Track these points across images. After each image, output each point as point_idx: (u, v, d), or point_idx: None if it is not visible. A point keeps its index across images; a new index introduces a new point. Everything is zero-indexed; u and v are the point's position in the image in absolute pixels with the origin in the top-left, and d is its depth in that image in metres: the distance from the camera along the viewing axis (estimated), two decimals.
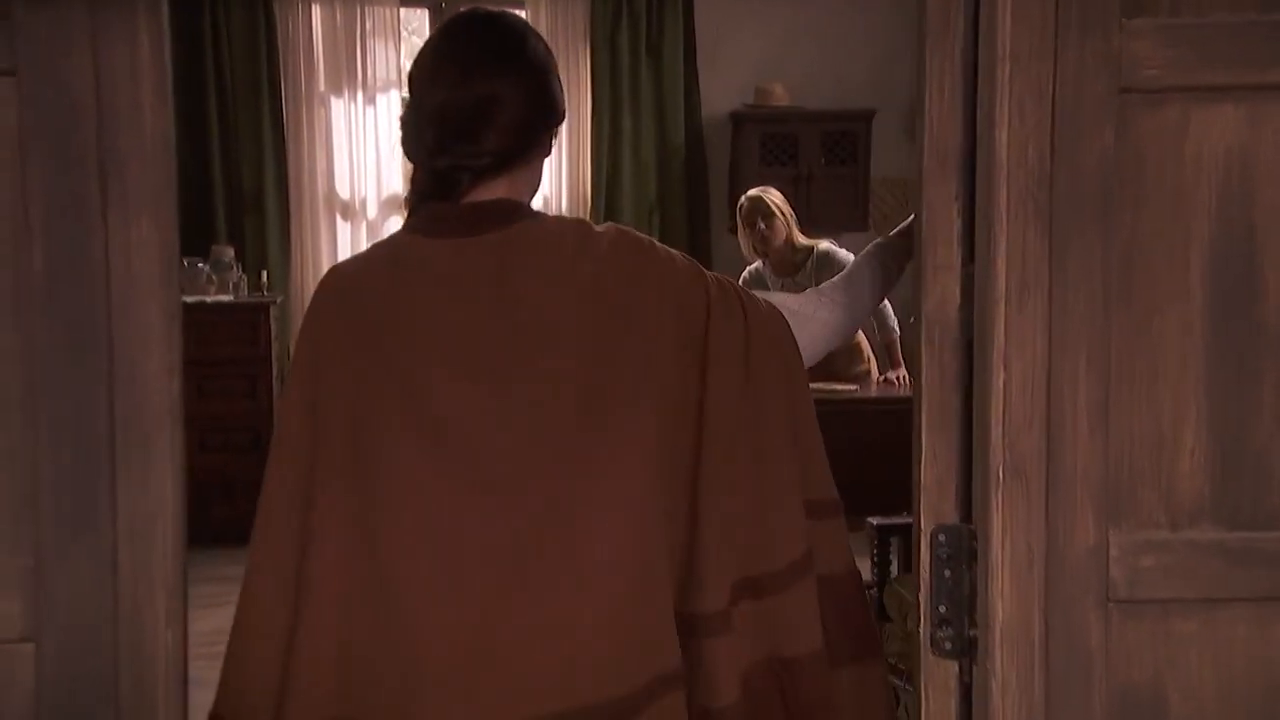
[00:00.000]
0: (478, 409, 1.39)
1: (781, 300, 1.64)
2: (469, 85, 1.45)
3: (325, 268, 6.36)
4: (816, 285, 4.79)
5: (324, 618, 1.39)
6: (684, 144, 6.63)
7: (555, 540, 1.37)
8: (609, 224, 1.56)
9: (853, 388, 4.52)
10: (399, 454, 1.39)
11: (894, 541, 3.72)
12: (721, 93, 6.61)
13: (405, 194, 1.57)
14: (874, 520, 3.74)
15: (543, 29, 6.46)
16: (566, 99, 1.58)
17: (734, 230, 6.69)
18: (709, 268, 1.60)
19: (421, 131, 1.48)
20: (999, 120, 1.25)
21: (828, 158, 6.55)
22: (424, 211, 1.49)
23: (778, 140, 6.52)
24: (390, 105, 6.40)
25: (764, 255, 4.83)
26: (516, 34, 1.51)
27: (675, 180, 6.64)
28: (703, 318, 1.48)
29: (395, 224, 6.42)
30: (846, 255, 4.80)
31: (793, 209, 4.85)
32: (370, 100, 6.37)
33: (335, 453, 1.42)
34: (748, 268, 4.98)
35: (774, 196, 4.80)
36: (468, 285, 1.43)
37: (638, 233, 1.55)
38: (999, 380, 1.26)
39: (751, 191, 4.88)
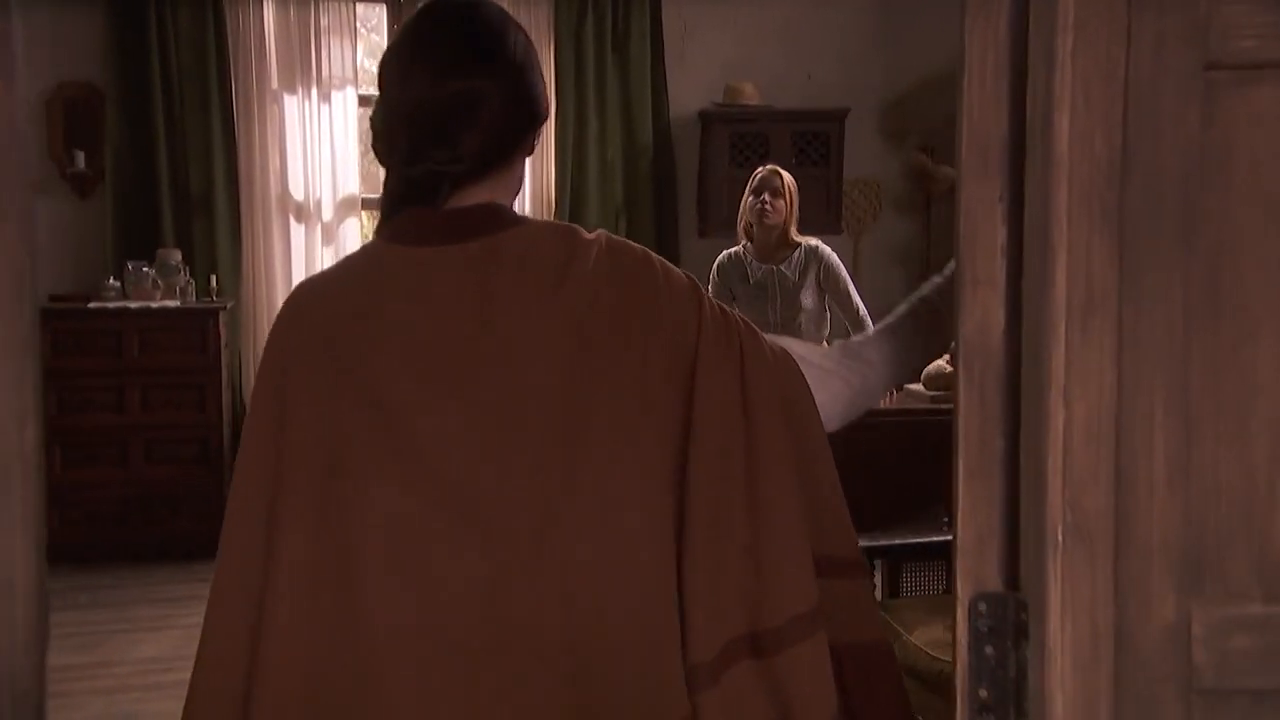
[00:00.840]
0: (458, 435, 1.29)
1: (802, 352, 1.47)
2: (445, 84, 1.35)
3: (278, 271, 6.12)
4: (799, 280, 4.52)
5: (289, 653, 1.28)
6: (651, 144, 6.41)
7: (542, 578, 1.27)
8: (600, 231, 1.42)
9: None
10: (374, 484, 1.29)
11: (880, 565, 3.50)
12: (690, 91, 6.41)
13: (379, 198, 1.44)
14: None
15: None
16: None
17: (703, 233, 6.52)
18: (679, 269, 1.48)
19: (394, 134, 1.38)
20: (1058, 104, 1.02)
21: (799, 158, 6.35)
22: (401, 218, 1.38)
23: (748, 140, 6.31)
24: (346, 103, 6.14)
25: (751, 234, 4.61)
26: (496, 26, 1.40)
27: (642, 181, 6.42)
28: (692, 350, 1.35)
29: (351, 226, 6.18)
30: (834, 257, 4.59)
31: (796, 204, 4.64)
32: (325, 98, 6.10)
33: (304, 480, 1.31)
34: (725, 252, 4.75)
35: (789, 179, 4.63)
36: (448, 299, 1.33)
37: (633, 245, 1.41)
38: (1057, 421, 1.04)
39: (771, 165, 4.73)
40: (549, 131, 6.28)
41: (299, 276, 6.00)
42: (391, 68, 1.39)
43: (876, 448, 4.10)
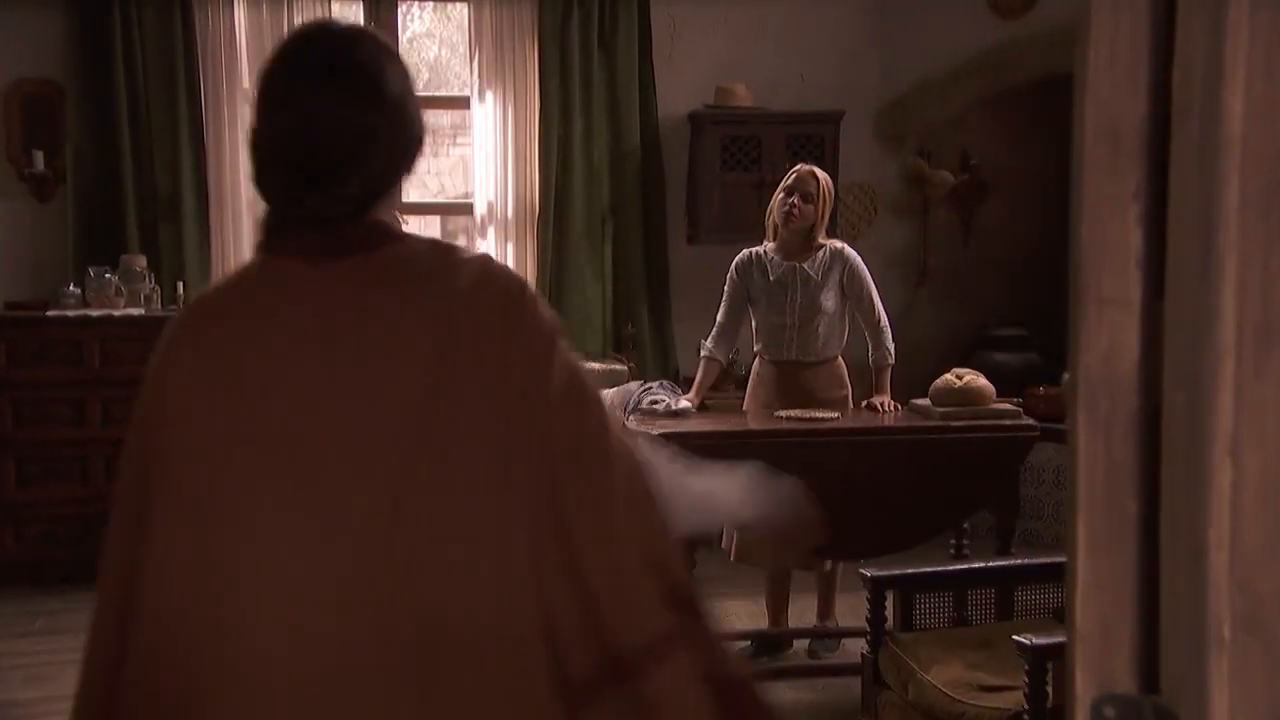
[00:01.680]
0: (323, 445, 1.33)
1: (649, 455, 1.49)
2: (322, 120, 1.36)
3: None
4: (821, 280, 4.24)
5: (153, 637, 1.34)
6: (639, 146, 6.17)
7: (392, 578, 1.29)
8: (480, 255, 1.47)
9: (834, 415, 4.08)
10: (240, 490, 1.34)
11: (891, 595, 3.28)
12: (680, 92, 6.18)
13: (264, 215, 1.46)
14: (867, 571, 3.29)
15: (485, 22, 5.99)
16: (512, 96, 1.48)
17: (692, 240, 6.30)
18: (666, 281, 1.50)
19: (267, 172, 1.41)
20: (1227, 76, 0.79)
21: (793, 162, 6.07)
22: (284, 234, 1.42)
23: (740, 143, 6.09)
24: None
25: (779, 232, 4.37)
26: (374, 61, 1.40)
27: (630, 186, 6.19)
28: (542, 387, 1.35)
29: None
30: (859, 261, 4.36)
31: (831, 201, 4.42)
32: None
33: (174, 483, 1.35)
34: (745, 250, 4.47)
35: (826, 182, 4.39)
36: (322, 315, 1.37)
37: (508, 276, 1.44)
38: (1222, 481, 0.81)
39: (806, 165, 4.49)
40: (532, 133, 6.05)
41: None
42: (265, 103, 1.40)
43: (881, 469, 3.88)
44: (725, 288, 4.48)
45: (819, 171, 4.40)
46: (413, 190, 10.51)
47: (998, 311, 6.48)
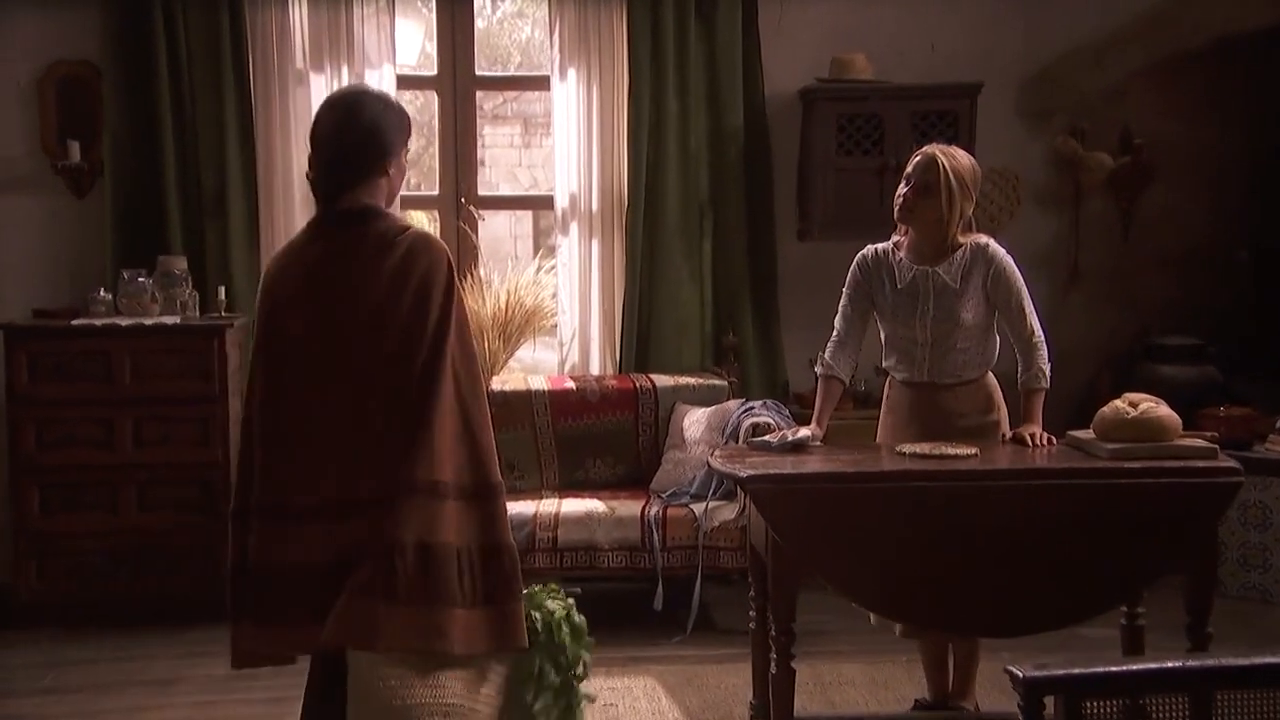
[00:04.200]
0: (314, 345, 2.47)
1: None
2: (330, 142, 2.54)
3: None
4: (960, 286, 3.26)
5: (262, 427, 2.54)
6: (743, 129, 5.42)
7: (342, 402, 2.45)
8: (414, 230, 2.54)
9: (971, 451, 3.24)
10: (280, 366, 2.50)
11: (1052, 703, 2.43)
12: (790, 66, 5.44)
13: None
14: (1019, 671, 2.45)
15: None
16: (598, 73, 4.50)
17: (804, 235, 5.50)
18: (774, 283, 4.83)
19: (312, 169, 2.58)
20: None
21: (921, 143, 5.23)
22: (318, 211, 2.57)
23: (859, 123, 5.31)
24: (383, 84, 5.23)
25: (904, 227, 3.59)
26: (370, 106, 2.58)
27: (731, 174, 5.43)
28: (436, 316, 2.44)
29: None
30: (1007, 260, 3.53)
31: (968, 190, 3.53)
32: (359, 79, 5.20)
33: (262, 362, 2.54)
34: (870, 247, 3.67)
35: (955, 162, 3.53)
36: (324, 264, 2.50)
37: (431, 248, 2.50)
38: None
39: (932, 146, 3.63)
40: (620, 115, 5.33)
41: None
42: (313, 131, 2.58)
43: (1034, 523, 3.03)
44: (845, 290, 3.66)
45: (946, 154, 3.55)
46: (502, 183, 9.93)
47: (1165, 317, 5.61)
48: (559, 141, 5.44)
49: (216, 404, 4.76)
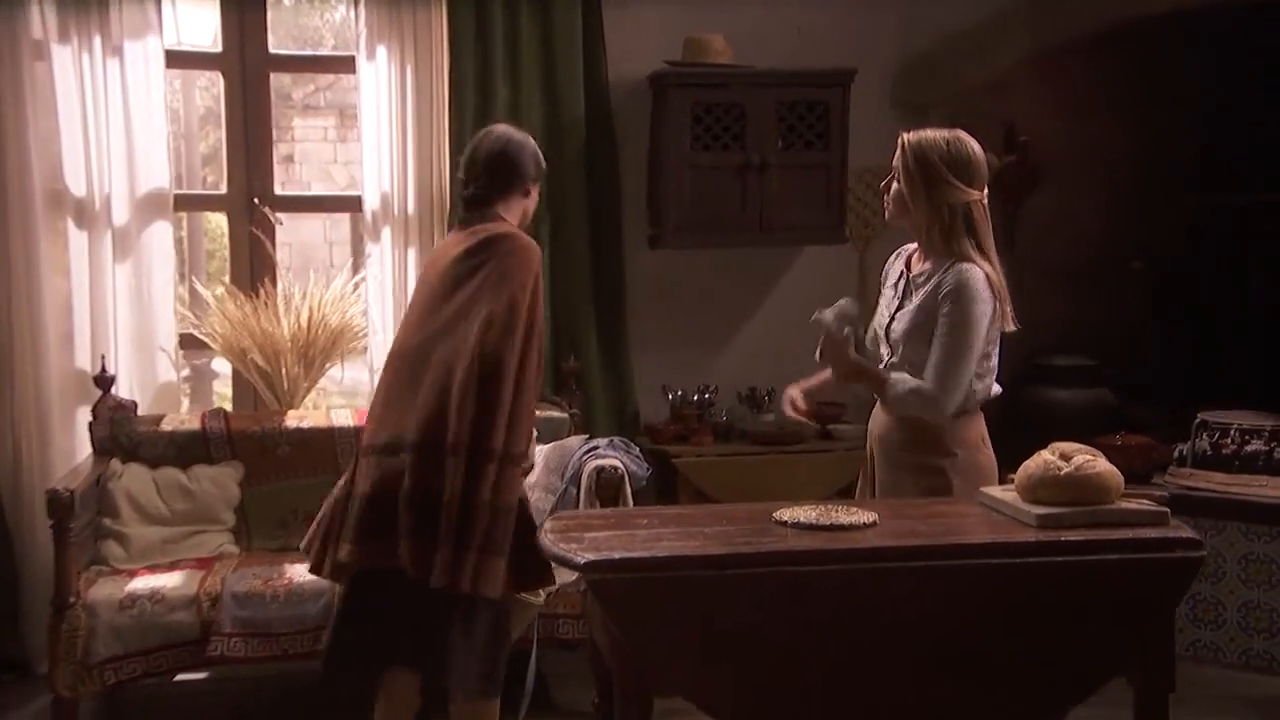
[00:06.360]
0: (425, 304, 3.19)
1: None
2: (474, 163, 3.27)
3: (46, 296, 4.29)
4: (922, 300, 3.03)
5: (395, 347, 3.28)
6: (583, 119, 4.72)
7: (439, 346, 3.09)
8: (507, 232, 3.18)
9: (867, 519, 2.54)
10: (412, 313, 3.26)
11: None
12: (637, 48, 4.81)
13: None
14: None
15: None
16: (413, 54, 4.47)
17: (656, 242, 4.82)
18: (621, 298, 4.72)
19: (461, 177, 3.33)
20: None
21: (787, 138, 4.73)
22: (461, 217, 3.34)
23: (717, 114, 4.68)
24: (148, 60, 4.36)
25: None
26: (509, 140, 3.29)
27: (571, 172, 4.71)
28: (510, 309, 3.09)
29: (160, 234, 4.52)
30: (967, 277, 2.88)
31: (939, 173, 2.92)
32: (115, 52, 4.31)
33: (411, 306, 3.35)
34: (905, 246, 3.16)
35: (921, 139, 2.99)
36: (448, 252, 3.21)
37: (521, 249, 3.15)
38: None
39: (911, 133, 3.06)
40: (440, 105, 4.57)
41: (82, 299, 4.38)
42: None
43: (943, 613, 2.34)
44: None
45: (914, 132, 3.03)
46: (316, 183, 9.06)
47: (1055, 336, 5.06)
48: (367, 132, 4.62)
49: None
